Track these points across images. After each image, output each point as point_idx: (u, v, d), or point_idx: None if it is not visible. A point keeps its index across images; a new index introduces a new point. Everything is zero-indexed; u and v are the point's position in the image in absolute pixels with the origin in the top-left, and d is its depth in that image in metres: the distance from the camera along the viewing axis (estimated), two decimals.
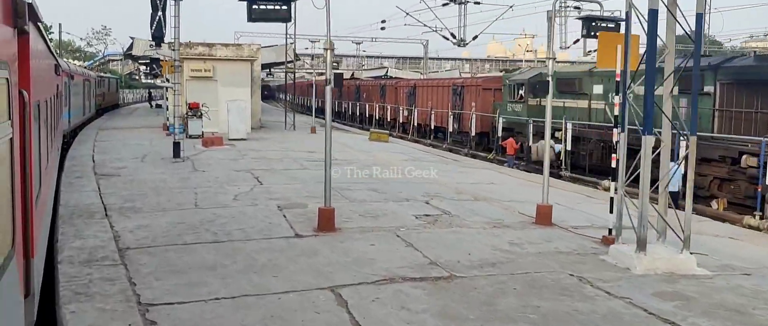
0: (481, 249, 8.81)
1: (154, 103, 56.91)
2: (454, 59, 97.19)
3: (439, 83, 37.09)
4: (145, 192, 12.81)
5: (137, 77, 79.24)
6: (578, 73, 24.52)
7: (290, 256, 8.15)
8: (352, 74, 57.85)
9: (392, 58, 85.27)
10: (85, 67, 51.43)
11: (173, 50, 18.81)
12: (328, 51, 9.84)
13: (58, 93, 12.34)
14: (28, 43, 4.53)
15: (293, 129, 31.59)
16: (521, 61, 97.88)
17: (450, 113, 32.25)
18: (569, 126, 22.08)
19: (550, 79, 11.15)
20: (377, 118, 42.76)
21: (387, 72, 57.33)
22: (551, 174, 12.06)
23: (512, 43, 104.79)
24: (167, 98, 29.01)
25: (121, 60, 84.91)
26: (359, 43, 58.97)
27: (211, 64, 28.28)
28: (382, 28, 45.36)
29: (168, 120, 27.18)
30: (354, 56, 65.07)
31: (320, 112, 41.47)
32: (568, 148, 22.19)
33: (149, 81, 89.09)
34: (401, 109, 39.37)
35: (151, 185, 13.69)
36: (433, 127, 34.28)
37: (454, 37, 30.21)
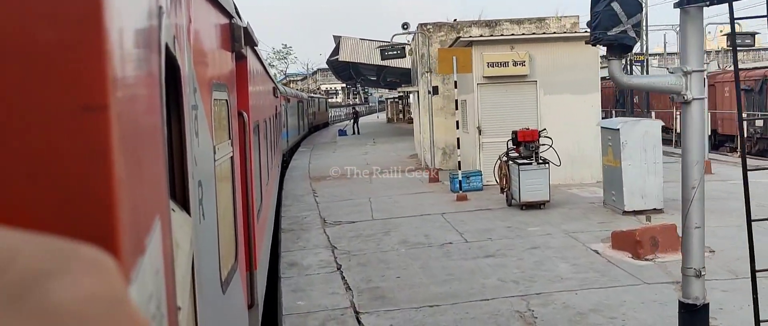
0: None
1: (357, 127, 43.99)
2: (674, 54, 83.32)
3: None
4: None
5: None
6: None
7: None
8: None
9: None
10: None
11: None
12: None
13: (277, 114, 11.95)
14: (246, 67, 4.67)
15: None
16: None
17: None
18: None
19: None
20: (677, 130, 32.87)
21: None
22: None
23: None
24: (431, 121, 17.70)
25: (302, 79, 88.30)
26: None
27: (526, 50, 15.05)
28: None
29: (455, 171, 14.79)
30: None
31: None
32: None
33: (349, 101, 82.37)
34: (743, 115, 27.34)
35: None
36: None
37: None
